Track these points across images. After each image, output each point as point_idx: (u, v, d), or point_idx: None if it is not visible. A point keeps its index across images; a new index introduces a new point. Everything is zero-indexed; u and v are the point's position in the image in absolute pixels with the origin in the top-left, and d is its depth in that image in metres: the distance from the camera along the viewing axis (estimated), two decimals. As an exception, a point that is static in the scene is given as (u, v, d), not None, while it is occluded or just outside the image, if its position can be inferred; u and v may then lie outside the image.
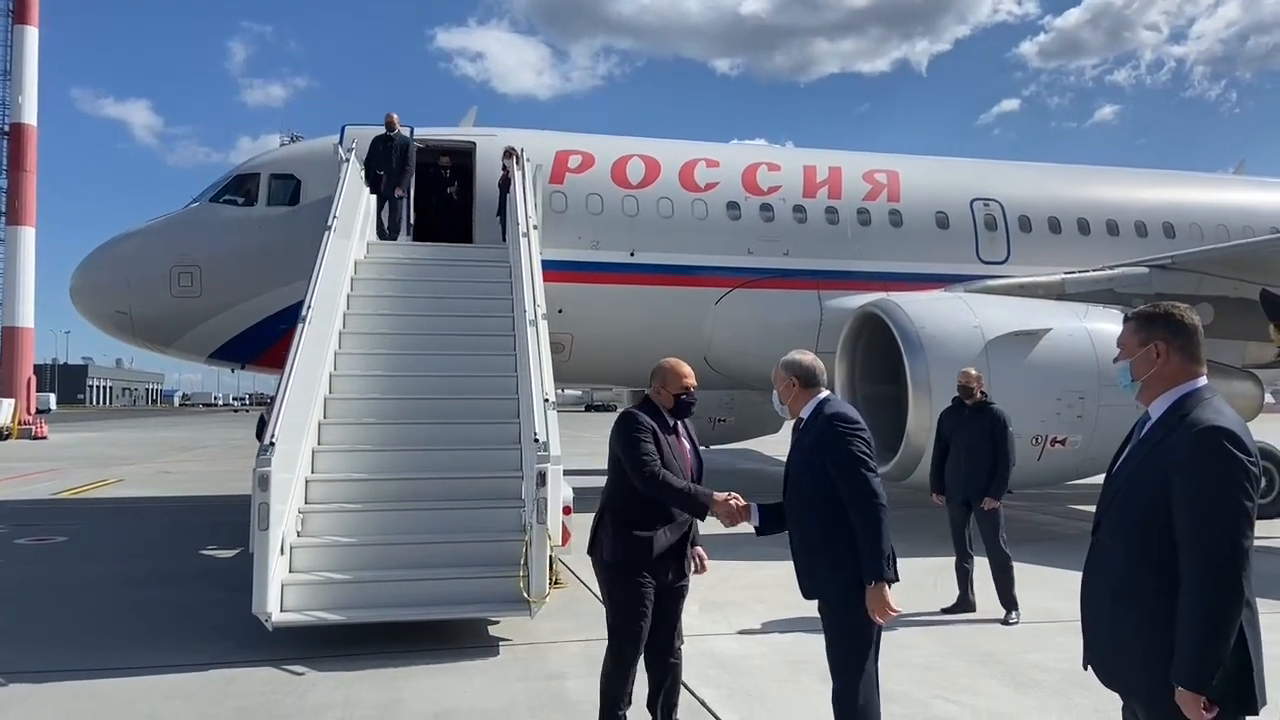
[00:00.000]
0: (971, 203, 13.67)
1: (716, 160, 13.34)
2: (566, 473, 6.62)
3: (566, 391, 66.72)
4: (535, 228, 9.63)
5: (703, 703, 4.83)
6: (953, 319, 9.99)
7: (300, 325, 7.10)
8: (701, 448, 4.35)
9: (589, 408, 69.23)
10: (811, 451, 3.49)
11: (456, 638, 5.98)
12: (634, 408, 4.12)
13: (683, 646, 4.28)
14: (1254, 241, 12.28)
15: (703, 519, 3.99)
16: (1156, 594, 2.35)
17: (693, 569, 4.25)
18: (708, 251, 12.80)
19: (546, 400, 6.69)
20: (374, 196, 11.17)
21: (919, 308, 10.31)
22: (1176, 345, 2.50)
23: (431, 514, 6.74)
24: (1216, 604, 2.24)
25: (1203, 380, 2.49)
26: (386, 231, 11.26)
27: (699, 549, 4.28)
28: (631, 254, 12.53)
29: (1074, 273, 11.97)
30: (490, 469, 7.14)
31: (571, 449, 29.73)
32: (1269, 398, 13.86)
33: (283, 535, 6.02)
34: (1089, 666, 2.58)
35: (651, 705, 4.20)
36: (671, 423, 4.12)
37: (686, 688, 4.63)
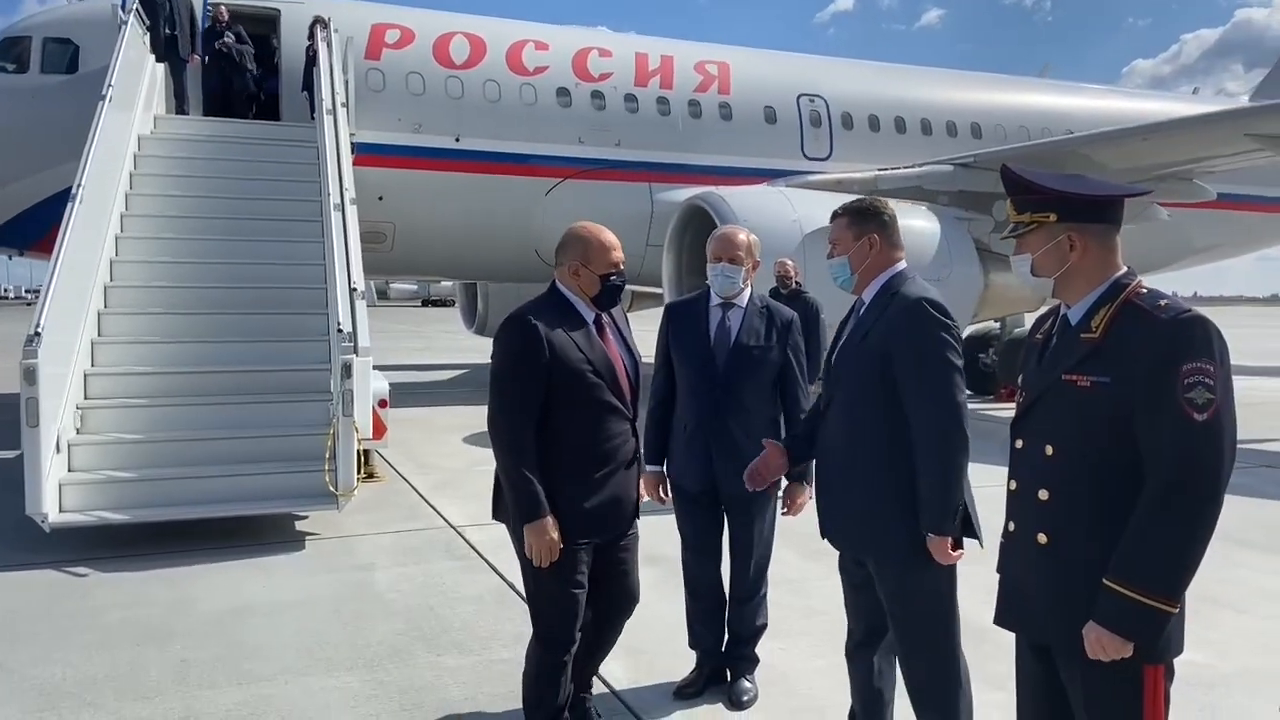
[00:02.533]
0: (798, 98, 13.83)
1: (546, 43, 12.86)
2: (397, 368, 6.41)
3: (400, 285, 65.30)
4: (343, 105, 9.02)
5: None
6: (774, 213, 10.25)
7: (70, 205, 6.42)
8: None
9: (426, 302, 67.56)
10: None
11: (260, 535, 5.77)
12: (528, 310, 2.89)
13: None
14: (1047, 142, 13.07)
15: (512, 526, 2.91)
16: (879, 458, 2.60)
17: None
18: (537, 140, 12.44)
19: (354, 290, 6.38)
20: (163, 64, 10.14)
21: (742, 201, 10.54)
22: (884, 235, 2.73)
23: (229, 409, 6.38)
24: (950, 455, 2.52)
25: (903, 263, 2.74)
26: (181, 105, 10.30)
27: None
28: (457, 139, 12.02)
29: (887, 169, 12.42)
30: (295, 362, 6.80)
31: (402, 343, 29.07)
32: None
33: (58, 432, 5.59)
34: (826, 536, 2.80)
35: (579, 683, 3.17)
36: (592, 316, 2.99)
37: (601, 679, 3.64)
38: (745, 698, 3.50)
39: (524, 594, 3.05)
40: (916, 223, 10.59)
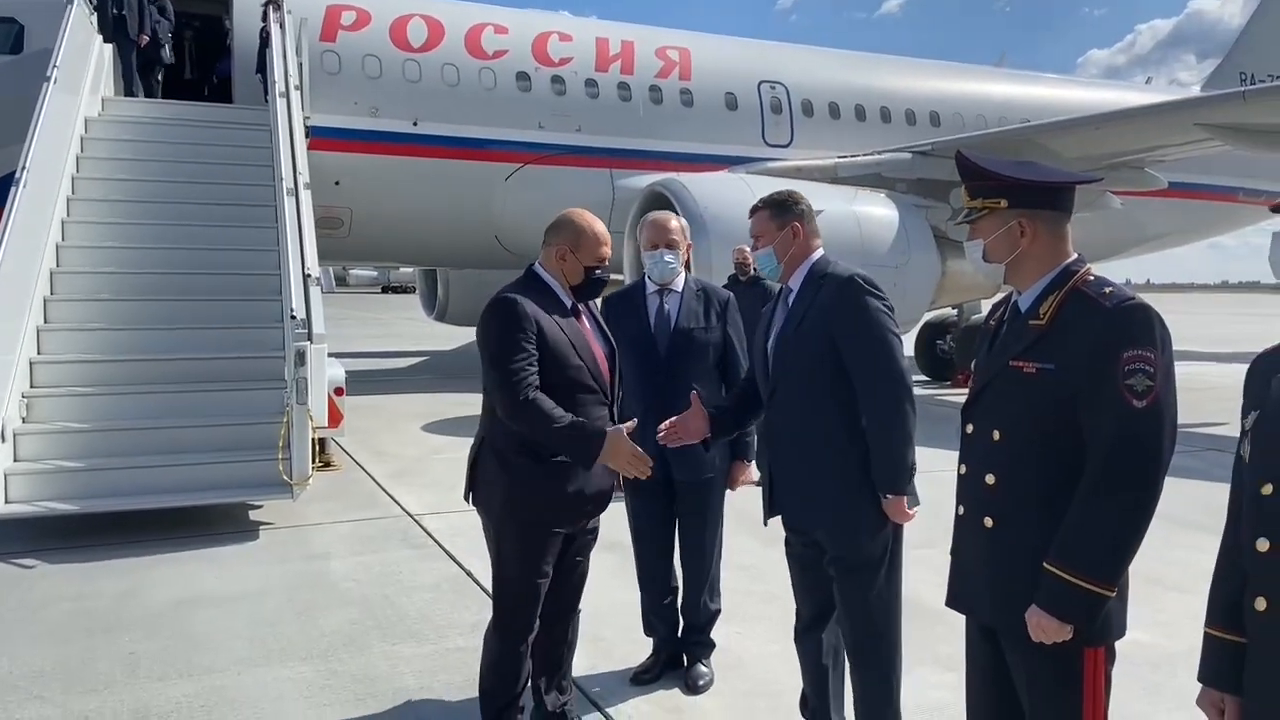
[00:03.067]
0: (759, 85, 13.85)
1: (505, 26, 12.73)
2: (355, 355, 6.35)
3: (359, 271, 64.55)
4: (297, 88, 8.86)
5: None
6: (735, 200, 10.22)
7: (14, 189, 6.26)
8: None
9: (386, 289, 66.87)
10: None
11: (212, 525, 5.69)
12: (512, 291, 2.83)
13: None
14: (1004, 130, 13.23)
15: (588, 467, 2.82)
16: (832, 435, 2.67)
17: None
18: (497, 124, 12.33)
19: (309, 276, 6.29)
20: (111, 45, 9.88)
21: (703, 188, 10.53)
22: (805, 224, 2.83)
23: (180, 397, 6.26)
24: (902, 420, 2.61)
25: (822, 249, 2.85)
26: (130, 87, 10.04)
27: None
28: (415, 124, 11.88)
29: (847, 157, 12.48)
30: (248, 349, 6.69)
31: (361, 330, 28.75)
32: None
33: (3, 422, 5.47)
34: (780, 515, 2.84)
35: (537, 686, 3.11)
36: (569, 304, 2.95)
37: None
38: (701, 682, 3.53)
39: (483, 582, 3.04)
40: (876, 210, 10.66)
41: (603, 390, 2.94)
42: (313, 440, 5.97)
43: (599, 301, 3.31)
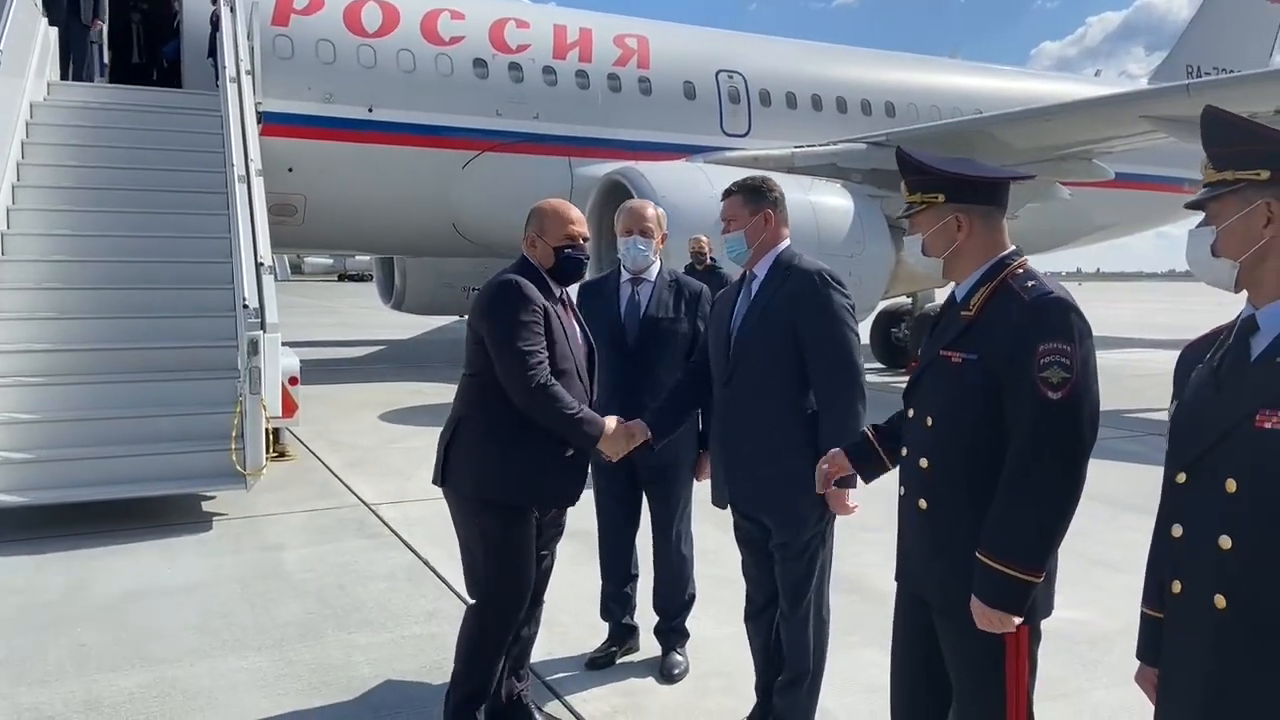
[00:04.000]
0: (717, 74, 13.90)
1: (461, 12, 12.63)
2: (310, 344, 6.29)
3: (315, 259, 63.59)
4: (248, 73, 8.73)
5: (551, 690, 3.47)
6: (692, 188, 10.28)
7: (-45, 175, 6.10)
8: (456, 318, 3.28)
9: (342, 277, 65.99)
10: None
11: (164, 516, 5.62)
12: (514, 274, 2.86)
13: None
14: (956, 121, 13.41)
15: (587, 450, 2.93)
16: (788, 421, 2.76)
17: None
18: (453, 111, 12.26)
19: (261, 264, 6.22)
20: (56, 27, 9.64)
21: (661, 177, 10.57)
22: (776, 212, 2.87)
23: (131, 387, 6.16)
24: (853, 415, 2.70)
25: (789, 239, 2.90)
26: (75, 71, 9.81)
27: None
28: (370, 110, 11.76)
29: (803, 147, 12.59)
30: (200, 338, 6.60)
31: (316, 319, 28.24)
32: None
33: (-54, 414, 5.35)
34: (731, 503, 2.91)
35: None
36: (558, 292, 2.98)
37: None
38: (676, 670, 3.54)
39: (440, 571, 3.05)
40: (831, 200, 10.78)
41: (585, 386, 2.95)
42: (266, 430, 5.93)
43: (574, 293, 3.32)
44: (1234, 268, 1.57)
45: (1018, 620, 1.93)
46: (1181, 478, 1.59)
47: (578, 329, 3.02)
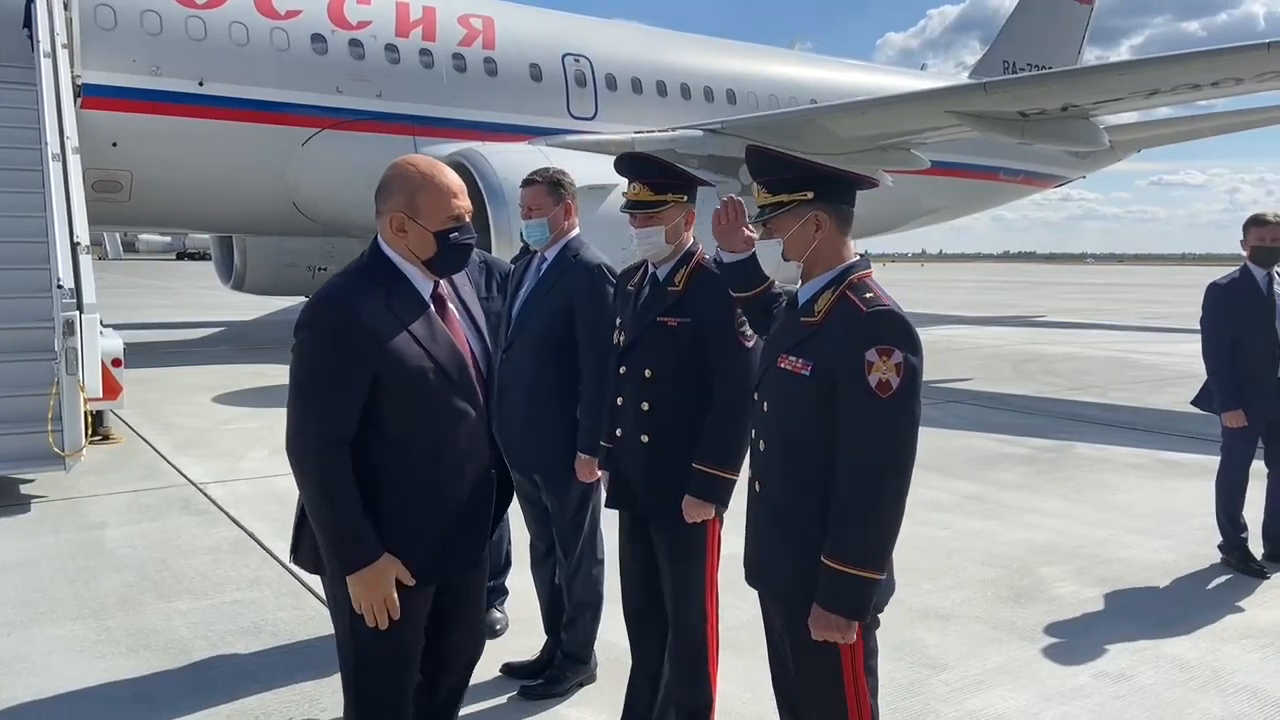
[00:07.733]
0: (563, 57, 14.13)
1: (298, -14, 12.38)
2: (142, 326, 6.20)
3: (149, 237, 60.12)
4: (64, 46, 8.39)
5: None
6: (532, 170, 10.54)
7: None
8: (301, 298, 2.89)
9: (181, 255, 62.70)
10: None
11: (-23, 500, 5.51)
12: (343, 288, 2.12)
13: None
14: (785, 111, 14.16)
15: (335, 576, 2.12)
16: (554, 391, 3.14)
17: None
18: (291, 87, 12.06)
19: (77, 244, 6.10)
20: None
21: (503, 159, 10.78)
22: (574, 203, 3.25)
23: (-64, 369, 5.95)
24: (605, 390, 2.89)
25: (578, 229, 3.25)
26: None
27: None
28: (200, 84, 11.43)
29: (644, 132, 13.02)
30: (14, 319, 6.38)
31: (150, 300, 26.78)
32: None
33: None
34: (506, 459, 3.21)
35: None
36: (429, 288, 2.20)
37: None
38: (498, 627, 3.69)
39: (265, 543, 3.17)
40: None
41: (473, 406, 2.20)
42: (88, 413, 5.85)
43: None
44: (799, 266, 2.08)
45: (854, 629, 1.96)
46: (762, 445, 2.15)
47: (463, 323, 2.27)
